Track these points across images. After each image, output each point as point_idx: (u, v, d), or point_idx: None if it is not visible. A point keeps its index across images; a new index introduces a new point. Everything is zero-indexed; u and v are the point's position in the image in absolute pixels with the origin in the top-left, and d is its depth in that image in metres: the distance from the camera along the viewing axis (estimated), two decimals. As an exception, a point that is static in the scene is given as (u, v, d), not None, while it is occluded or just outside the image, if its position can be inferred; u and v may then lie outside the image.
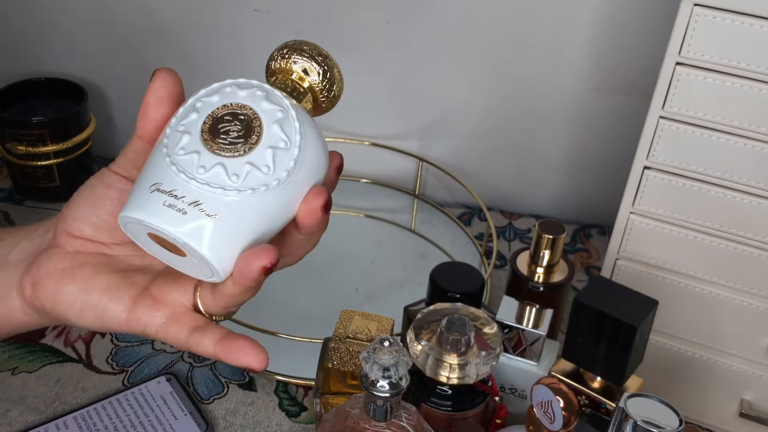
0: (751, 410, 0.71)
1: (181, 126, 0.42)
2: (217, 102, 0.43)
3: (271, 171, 0.41)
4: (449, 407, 0.63)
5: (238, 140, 0.42)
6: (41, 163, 0.94)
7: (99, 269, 0.46)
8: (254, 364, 0.43)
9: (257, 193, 0.41)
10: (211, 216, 0.40)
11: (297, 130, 0.42)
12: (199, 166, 0.41)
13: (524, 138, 0.98)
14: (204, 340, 0.44)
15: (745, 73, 0.60)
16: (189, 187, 0.41)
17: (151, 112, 0.44)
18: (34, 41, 1.02)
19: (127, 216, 0.42)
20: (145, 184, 0.42)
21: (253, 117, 0.42)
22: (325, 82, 0.47)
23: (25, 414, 0.72)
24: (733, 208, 0.65)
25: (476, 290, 0.68)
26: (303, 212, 0.43)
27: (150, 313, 0.45)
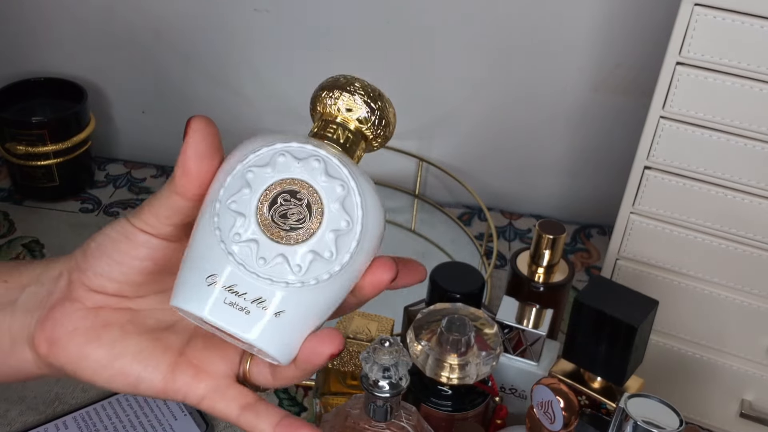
0: (751, 410, 0.71)
1: (232, 203, 0.39)
2: (270, 176, 0.39)
3: (335, 256, 0.39)
4: (449, 407, 0.63)
5: (298, 225, 0.38)
6: (41, 162, 0.94)
7: (126, 330, 0.43)
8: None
9: (320, 282, 0.39)
10: (274, 313, 0.38)
11: (359, 205, 0.39)
12: (259, 257, 0.38)
13: (524, 138, 0.98)
14: (259, 423, 0.41)
15: (745, 73, 0.60)
16: (250, 282, 0.38)
17: (193, 168, 0.40)
18: (34, 41, 1.02)
19: (182, 309, 0.39)
20: (199, 272, 0.39)
21: (312, 196, 0.39)
22: (380, 128, 0.43)
23: (25, 414, 0.72)
24: (733, 208, 0.65)
25: (476, 290, 0.68)
26: (368, 285, 0.40)
27: (191, 384, 0.42)
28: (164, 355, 0.43)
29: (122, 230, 0.42)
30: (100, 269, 0.42)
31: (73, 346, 0.42)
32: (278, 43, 0.96)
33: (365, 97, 0.43)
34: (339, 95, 0.42)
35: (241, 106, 1.01)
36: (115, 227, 0.42)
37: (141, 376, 0.42)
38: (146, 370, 0.42)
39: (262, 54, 0.97)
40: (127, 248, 0.42)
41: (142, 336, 0.43)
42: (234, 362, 0.43)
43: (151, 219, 0.42)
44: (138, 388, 0.42)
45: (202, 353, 0.43)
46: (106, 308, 0.43)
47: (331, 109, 0.42)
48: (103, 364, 0.42)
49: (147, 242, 0.42)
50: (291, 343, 0.39)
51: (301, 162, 0.39)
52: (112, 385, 0.42)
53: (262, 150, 0.39)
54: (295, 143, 0.39)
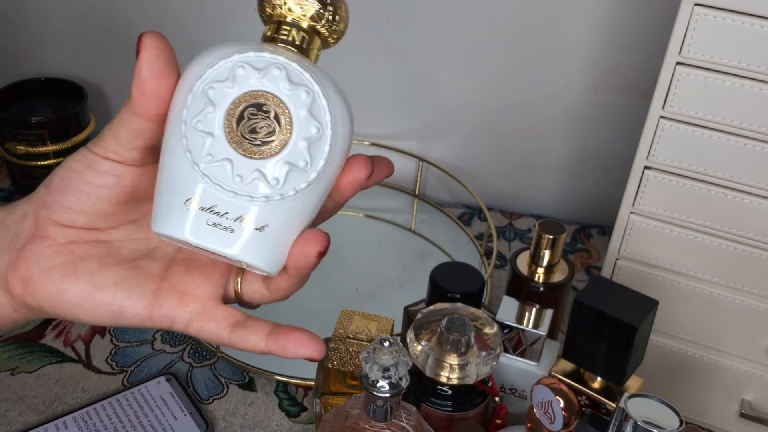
0: (751, 410, 0.71)
1: (198, 123, 0.38)
2: (233, 91, 0.38)
3: (309, 165, 0.39)
4: (449, 407, 0.63)
5: (269, 138, 0.38)
6: (41, 163, 0.94)
7: (104, 261, 0.42)
8: (314, 354, 0.41)
9: (299, 192, 0.39)
10: (258, 228, 0.39)
11: (326, 109, 0.39)
12: (235, 175, 0.38)
13: (524, 138, 0.98)
14: (251, 337, 0.41)
15: (745, 73, 0.60)
16: (230, 201, 0.38)
17: (151, 87, 0.39)
18: (35, 41, 1.02)
19: (165, 234, 0.39)
20: (177, 196, 0.39)
21: (279, 107, 0.38)
22: (334, 24, 0.42)
23: (25, 414, 0.72)
24: (733, 208, 0.65)
25: (476, 290, 0.68)
26: (345, 185, 0.40)
27: (178, 309, 0.42)
28: (146, 282, 0.42)
29: (85, 160, 0.41)
30: (67, 202, 0.41)
31: (50, 283, 0.41)
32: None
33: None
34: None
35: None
36: (77, 158, 0.41)
37: (124, 305, 0.41)
38: (129, 299, 0.41)
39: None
40: (92, 178, 0.41)
41: (121, 266, 0.42)
42: (219, 284, 0.43)
43: (113, 144, 0.40)
44: (122, 318, 0.42)
45: (184, 277, 0.43)
46: (79, 242, 0.42)
47: (281, 9, 0.41)
48: (84, 296, 0.41)
49: (112, 169, 0.41)
50: (278, 253, 0.40)
51: (262, 72, 0.38)
52: (95, 317, 0.41)
53: (220, 63, 0.39)
54: (252, 52, 0.39)
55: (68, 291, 0.41)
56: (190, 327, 0.42)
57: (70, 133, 0.94)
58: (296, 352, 0.41)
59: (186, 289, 0.42)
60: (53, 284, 0.41)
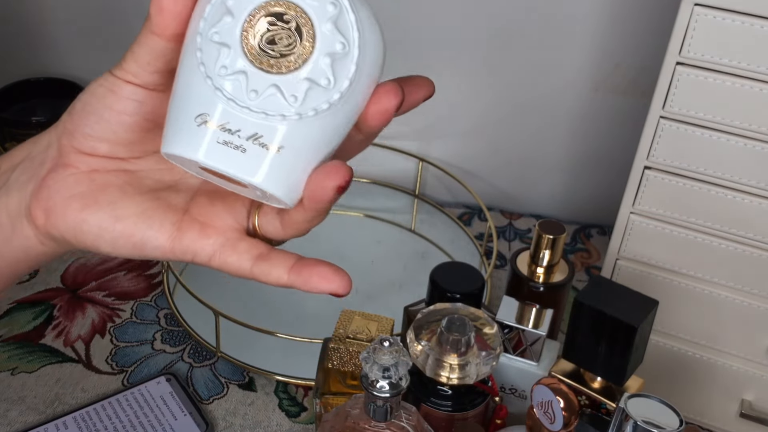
0: (751, 410, 0.71)
1: (214, 34, 0.35)
2: (252, 2, 0.35)
3: (332, 84, 0.35)
4: (449, 407, 0.63)
5: (289, 51, 0.35)
6: (41, 163, 0.94)
7: (125, 191, 0.40)
8: (339, 289, 0.39)
9: (320, 113, 0.36)
10: (273, 150, 0.36)
11: (353, 24, 0.35)
12: (250, 90, 0.35)
13: (524, 138, 0.98)
14: (273, 270, 0.39)
15: (745, 73, 0.60)
16: (243, 118, 0.35)
17: (169, 4, 0.36)
18: (34, 41, 1.02)
19: (174, 154, 0.37)
20: (187, 113, 0.36)
21: (301, 17, 0.35)
22: None
23: (25, 414, 0.72)
24: (733, 208, 0.65)
25: (476, 290, 0.68)
26: (373, 114, 0.37)
27: (200, 241, 0.40)
28: (168, 213, 0.41)
29: (106, 84, 0.39)
30: (88, 129, 0.40)
31: (71, 212, 0.40)
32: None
33: None
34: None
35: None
36: (99, 81, 0.40)
37: (146, 235, 0.40)
38: (151, 230, 0.40)
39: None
40: (113, 102, 0.39)
41: (143, 196, 0.41)
42: (242, 215, 0.41)
43: (133, 66, 0.38)
44: (144, 250, 0.40)
45: (207, 209, 0.41)
46: (101, 171, 0.41)
47: None
48: (104, 227, 0.40)
49: (133, 94, 0.39)
50: (294, 181, 0.37)
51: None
52: (116, 248, 0.40)
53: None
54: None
55: (88, 221, 0.40)
56: (213, 260, 0.40)
57: (70, 133, 0.94)
58: (320, 286, 0.39)
59: (208, 221, 0.41)
60: (74, 214, 0.40)
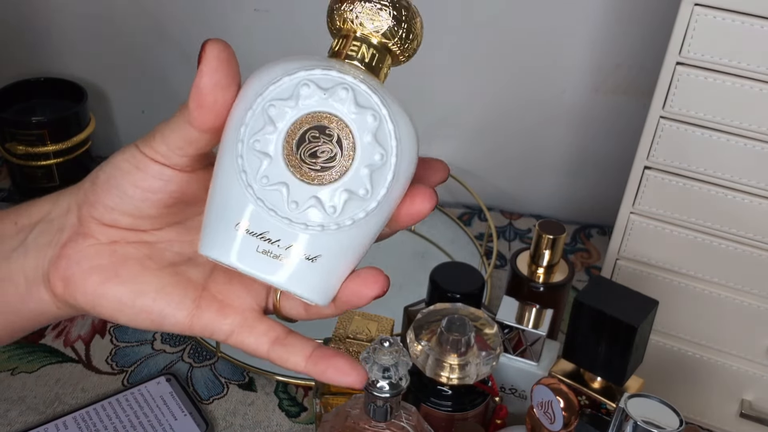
0: (751, 410, 0.71)
1: (256, 143, 0.36)
2: (295, 111, 0.36)
3: (370, 193, 0.36)
4: (449, 407, 0.63)
5: (329, 164, 0.35)
6: (41, 163, 0.94)
7: (146, 265, 0.40)
8: (356, 383, 0.39)
9: (356, 222, 0.36)
10: (311, 259, 0.36)
11: (392, 134, 0.36)
12: (291, 201, 0.36)
13: (524, 138, 0.98)
14: (291, 356, 0.40)
15: (745, 73, 0.60)
16: (283, 228, 0.36)
17: (209, 100, 0.36)
18: (34, 41, 1.02)
19: (212, 258, 0.37)
20: (227, 219, 0.37)
21: (343, 130, 0.36)
22: (407, 42, 0.39)
23: (25, 414, 0.72)
24: (733, 208, 0.65)
25: (476, 290, 0.68)
26: (405, 216, 0.38)
27: (218, 320, 0.40)
28: (187, 290, 0.41)
29: (133, 160, 0.39)
30: (111, 203, 0.39)
31: (90, 284, 0.40)
32: (278, 43, 0.96)
33: (389, 6, 0.38)
34: (358, 5, 0.37)
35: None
36: (125, 156, 0.39)
37: (165, 312, 0.40)
38: (170, 307, 0.40)
39: (262, 54, 0.97)
40: (139, 180, 0.39)
41: (163, 271, 0.41)
42: (260, 295, 0.41)
43: (163, 148, 0.38)
44: (163, 325, 0.41)
45: (225, 287, 0.41)
46: (122, 242, 0.40)
47: (353, 23, 0.38)
48: (124, 302, 0.40)
49: (160, 173, 0.39)
50: (329, 286, 0.38)
51: (328, 92, 0.35)
52: (136, 323, 0.40)
53: (283, 80, 0.36)
54: (319, 70, 0.36)
55: (108, 295, 0.40)
56: (230, 339, 0.41)
57: (70, 133, 0.94)
58: (336, 379, 0.39)
59: (226, 300, 0.41)
60: (93, 287, 0.40)
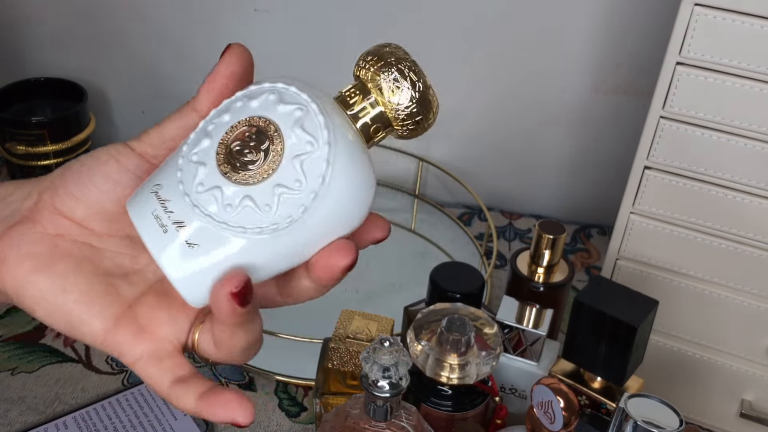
0: (751, 410, 0.71)
1: (193, 155, 0.37)
2: (227, 122, 0.37)
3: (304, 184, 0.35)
4: (449, 407, 0.63)
5: (261, 162, 0.36)
6: (41, 163, 0.94)
7: (81, 266, 0.39)
8: (240, 419, 0.37)
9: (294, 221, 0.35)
10: (189, 244, 0.36)
11: (322, 125, 0.36)
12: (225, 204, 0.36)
13: (524, 138, 0.98)
14: (185, 396, 0.38)
15: (745, 73, 0.60)
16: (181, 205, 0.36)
17: (219, 85, 0.38)
18: (35, 41, 1.02)
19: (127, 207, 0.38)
20: (149, 182, 0.38)
21: (269, 127, 0.36)
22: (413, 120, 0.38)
23: (25, 414, 0.72)
24: (733, 208, 0.65)
25: (476, 290, 0.68)
26: (320, 266, 0.37)
27: (131, 343, 0.39)
28: (112, 303, 0.39)
29: (113, 151, 0.39)
30: (75, 189, 0.39)
31: (21, 269, 0.39)
32: (278, 43, 0.96)
33: (414, 89, 0.38)
34: (387, 72, 0.38)
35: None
36: (107, 149, 0.40)
37: (82, 318, 0.39)
38: (88, 314, 0.38)
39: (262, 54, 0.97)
40: (113, 170, 0.39)
41: (96, 277, 0.39)
42: (182, 329, 0.40)
43: (156, 140, 0.39)
44: (77, 330, 0.39)
45: (150, 311, 0.40)
46: (67, 237, 0.39)
47: (371, 81, 0.38)
48: (46, 296, 0.38)
49: (137, 167, 0.39)
50: (197, 276, 0.36)
51: (256, 99, 0.37)
52: (51, 320, 0.39)
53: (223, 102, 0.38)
54: (253, 86, 0.38)
55: (34, 285, 0.39)
56: (136, 365, 0.39)
57: (70, 133, 0.94)
58: (221, 415, 0.38)
59: (147, 324, 0.40)
60: (23, 273, 0.39)
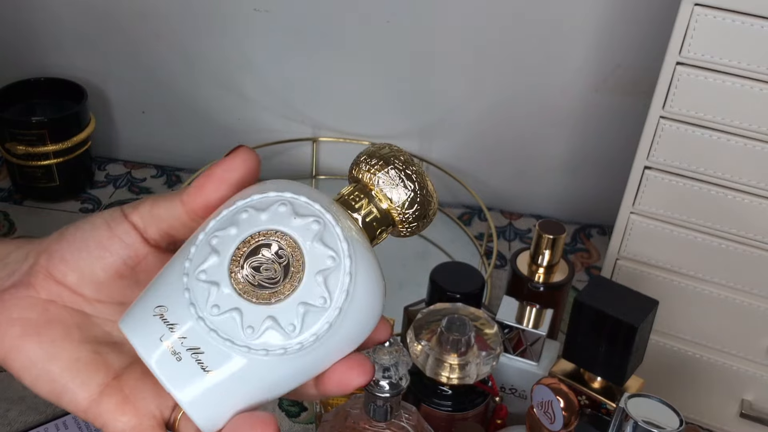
0: (751, 410, 0.71)
1: (201, 273, 0.35)
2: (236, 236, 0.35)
3: (329, 301, 0.34)
4: (449, 407, 0.63)
5: (280, 280, 0.34)
6: (41, 163, 0.94)
7: (70, 333, 0.39)
8: None
9: (320, 338, 0.34)
10: (206, 370, 0.34)
11: (340, 236, 0.34)
12: (246, 326, 0.34)
13: (524, 138, 0.98)
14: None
15: (745, 73, 0.60)
16: (195, 329, 0.34)
17: (210, 189, 0.37)
18: (34, 41, 1.02)
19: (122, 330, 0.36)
20: (148, 302, 0.36)
21: (286, 241, 0.34)
22: (413, 220, 0.38)
23: (25, 414, 0.72)
24: (733, 208, 0.65)
25: (476, 290, 0.68)
26: (334, 383, 0.37)
27: (114, 415, 0.38)
28: (99, 372, 0.39)
29: (109, 218, 0.39)
30: (68, 254, 0.39)
31: (9, 335, 0.39)
32: (278, 43, 0.96)
33: (412, 186, 0.37)
34: (384, 173, 0.37)
35: (241, 106, 1.01)
36: (103, 214, 0.40)
37: (67, 387, 0.39)
38: (74, 383, 0.38)
39: (262, 54, 0.97)
40: (104, 236, 0.39)
41: (84, 345, 0.39)
42: (166, 404, 0.39)
43: (145, 214, 0.39)
44: (60, 400, 0.39)
45: (136, 383, 0.39)
46: (58, 303, 0.40)
47: (370, 181, 0.37)
48: (34, 362, 0.38)
49: (126, 236, 0.39)
50: (214, 407, 0.35)
51: (266, 212, 0.35)
52: (36, 387, 0.39)
53: (223, 213, 0.36)
54: (257, 195, 0.35)
55: (22, 351, 0.39)
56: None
57: (70, 133, 0.94)
58: None
59: (131, 396, 0.39)
60: (11, 338, 0.39)
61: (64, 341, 0.39)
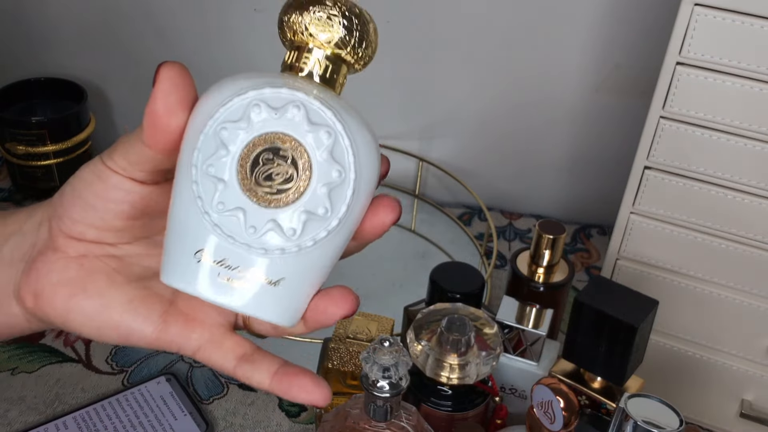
0: (751, 410, 0.71)
1: (210, 167, 0.35)
2: (247, 133, 0.35)
3: (330, 212, 0.35)
4: (449, 407, 0.63)
5: (286, 185, 0.35)
6: (41, 163, 0.94)
7: (113, 279, 0.40)
8: (319, 401, 0.39)
9: (318, 242, 0.36)
10: (273, 283, 0.36)
11: (349, 150, 0.35)
12: (249, 226, 0.35)
13: (524, 138, 0.98)
14: (256, 373, 0.40)
15: (745, 73, 0.60)
16: (241, 254, 0.36)
17: (162, 123, 0.36)
18: (34, 41, 1.02)
19: (174, 286, 0.37)
20: (185, 247, 0.36)
21: (296, 150, 0.35)
22: (360, 49, 0.38)
23: (25, 414, 0.72)
24: (733, 208, 0.65)
25: (476, 290, 0.68)
26: (369, 228, 0.38)
27: (184, 336, 0.40)
28: (155, 304, 0.41)
29: (96, 170, 0.39)
30: (76, 215, 0.40)
31: (59, 298, 0.40)
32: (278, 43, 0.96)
33: (339, 15, 0.37)
34: (307, 16, 0.37)
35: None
36: (89, 167, 0.40)
37: (131, 327, 0.40)
38: (137, 321, 0.40)
39: (262, 54, 0.97)
40: (101, 191, 0.39)
41: (131, 285, 0.41)
42: (229, 311, 0.41)
43: (122, 161, 0.39)
44: (129, 339, 0.41)
45: (191, 302, 0.41)
46: (90, 256, 0.40)
47: (303, 35, 0.37)
48: (91, 316, 0.40)
49: (120, 184, 0.39)
50: (295, 308, 0.37)
51: (279, 112, 0.35)
52: (102, 336, 0.41)
53: (233, 101, 0.35)
54: (269, 89, 0.35)
55: (76, 309, 0.40)
56: (197, 354, 0.41)
57: (70, 133, 0.94)
58: (299, 396, 0.39)
59: (193, 314, 0.41)
60: (61, 301, 0.40)
61: (111, 288, 0.40)
